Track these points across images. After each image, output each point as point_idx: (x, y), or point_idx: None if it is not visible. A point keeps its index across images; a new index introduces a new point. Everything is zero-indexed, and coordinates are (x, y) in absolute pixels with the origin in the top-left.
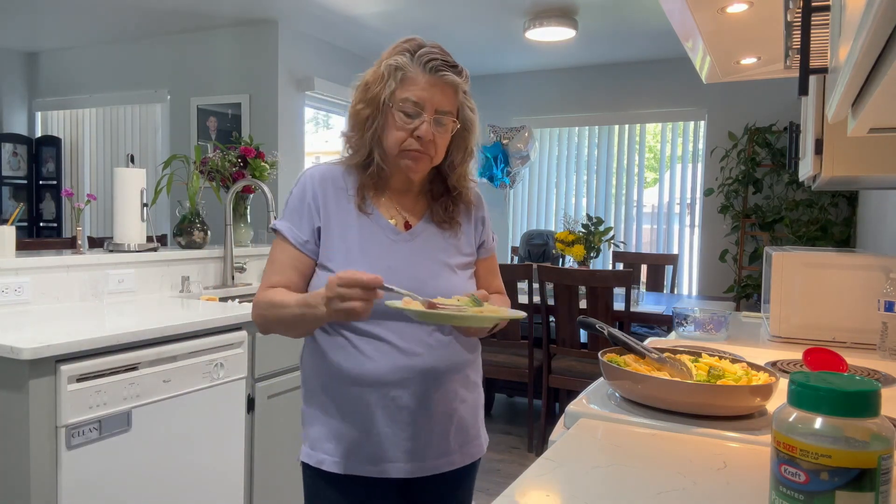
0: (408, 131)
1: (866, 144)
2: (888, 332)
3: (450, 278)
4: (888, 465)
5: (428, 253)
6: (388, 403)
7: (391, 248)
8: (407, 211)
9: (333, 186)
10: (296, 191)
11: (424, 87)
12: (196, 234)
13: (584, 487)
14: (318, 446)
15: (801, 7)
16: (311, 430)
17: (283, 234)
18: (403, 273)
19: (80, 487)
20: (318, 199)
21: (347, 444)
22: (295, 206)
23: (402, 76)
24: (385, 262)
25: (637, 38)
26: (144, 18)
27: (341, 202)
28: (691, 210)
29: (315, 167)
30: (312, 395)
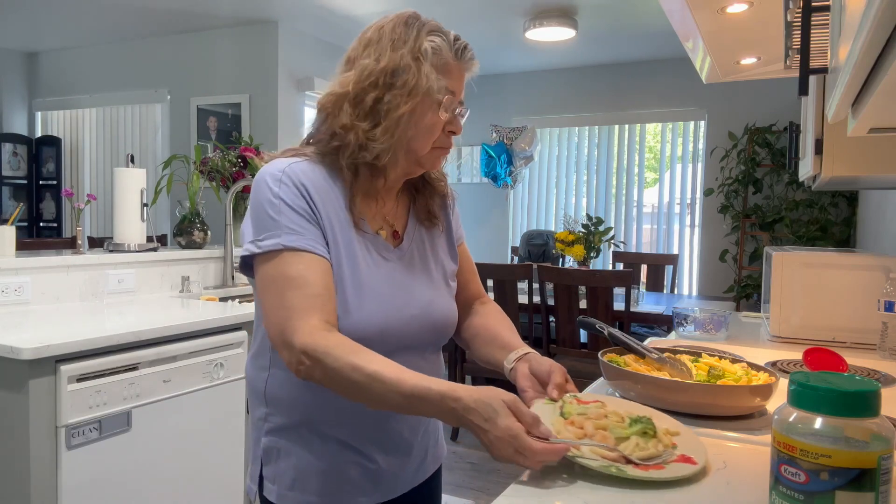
0: (445, 129)
1: (866, 144)
2: (888, 332)
3: (447, 300)
4: (888, 465)
5: (422, 268)
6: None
7: (389, 271)
8: (390, 215)
9: (322, 190)
10: (285, 197)
11: (458, 76)
12: (196, 234)
13: (585, 488)
14: (300, 486)
15: (801, 7)
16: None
17: (305, 247)
18: (407, 299)
19: (80, 487)
20: (316, 204)
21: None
22: (296, 213)
23: (440, 62)
24: (386, 289)
25: (637, 38)
26: (144, 18)
27: (335, 213)
28: (691, 210)
29: (289, 167)
30: (282, 430)
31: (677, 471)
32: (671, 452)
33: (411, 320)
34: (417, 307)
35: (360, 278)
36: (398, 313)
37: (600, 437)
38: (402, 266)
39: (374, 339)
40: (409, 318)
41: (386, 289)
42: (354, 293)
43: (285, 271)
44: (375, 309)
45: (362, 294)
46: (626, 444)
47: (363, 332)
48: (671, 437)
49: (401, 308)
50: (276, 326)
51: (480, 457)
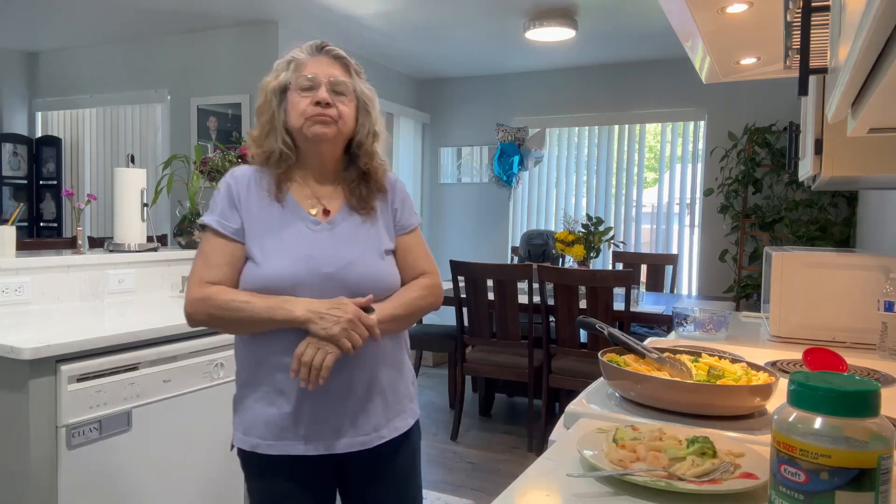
0: (308, 100)
1: (866, 144)
2: (888, 332)
3: (378, 264)
4: (888, 465)
5: (349, 240)
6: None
7: (309, 237)
8: (325, 200)
9: (252, 184)
10: (220, 189)
11: (315, 64)
12: (196, 234)
13: (584, 487)
14: (252, 431)
15: (800, 7)
16: (244, 416)
17: (214, 227)
18: (324, 260)
19: (80, 487)
20: (240, 196)
21: (279, 426)
22: (220, 203)
23: (295, 65)
24: (304, 250)
25: (637, 38)
26: (144, 18)
27: (262, 197)
28: (691, 210)
29: (235, 169)
30: (245, 382)
31: (735, 485)
32: (729, 468)
33: (326, 277)
34: (333, 266)
35: (278, 239)
36: (310, 269)
37: (653, 457)
38: (327, 236)
39: (286, 288)
40: (322, 274)
41: (299, 249)
42: (267, 251)
43: (202, 244)
44: (285, 262)
45: (275, 250)
46: (681, 465)
47: (273, 279)
48: (735, 458)
49: (314, 265)
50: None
51: (480, 457)
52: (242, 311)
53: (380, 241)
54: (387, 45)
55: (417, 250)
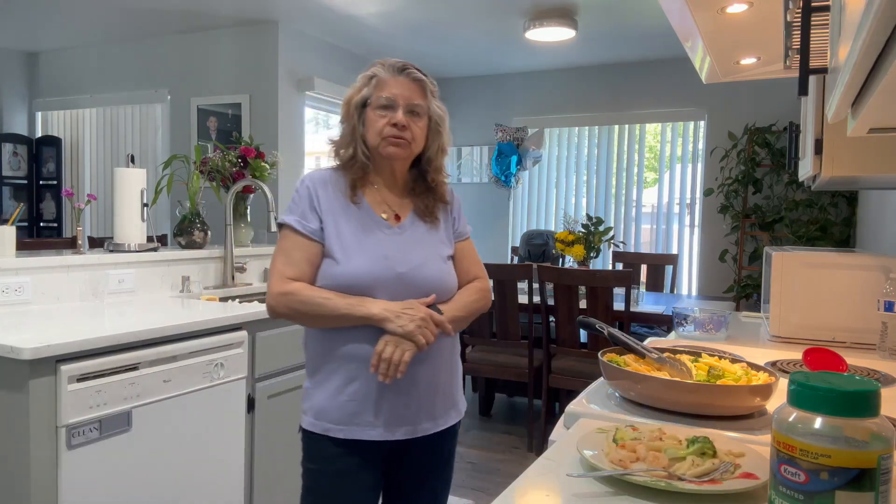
0: (386, 121)
1: (866, 144)
2: (888, 332)
3: (442, 267)
4: (888, 464)
5: (417, 244)
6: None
7: (384, 240)
8: (394, 205)
9: (330, 187)
10: (299, 191)
11: (395, 85)
12: (196, 234)
13: (584, 487)
14: (323, 416)
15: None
16: (315, 402)
17: (293, 226)
18: (397, 261)
19: (80, 487)
20: (319, 198)
21: (349, 412)
22: (299, 203)
23: (376, 82)
24: (380, 251)
25: (637, 38)
26: (144, 18)
27: (338, 200)
28: (691, 210)
29: (312, 172)
30: (316, 371)
31: (735, 485)
32: (729, 468)
33: (399, 277)
34: (405, 267)
35: (356, 240)
36: (385, 269)
37: (653, 457)
38: (398, 240)
39: (364, 285)
40: (396, 274)
41: (376, 249)
42: (348, 250)
43: (281, 243)
44: (363, 261)
45: (354, 250)
46: (681, 465)
47: (352, 277)
48: (735, 458)
49: (388, 265)
50: (268, 277)
51: (480, 457)
52: (324, 307)
53: (442, 247)
54: (387, 45)
55: (471, 256)
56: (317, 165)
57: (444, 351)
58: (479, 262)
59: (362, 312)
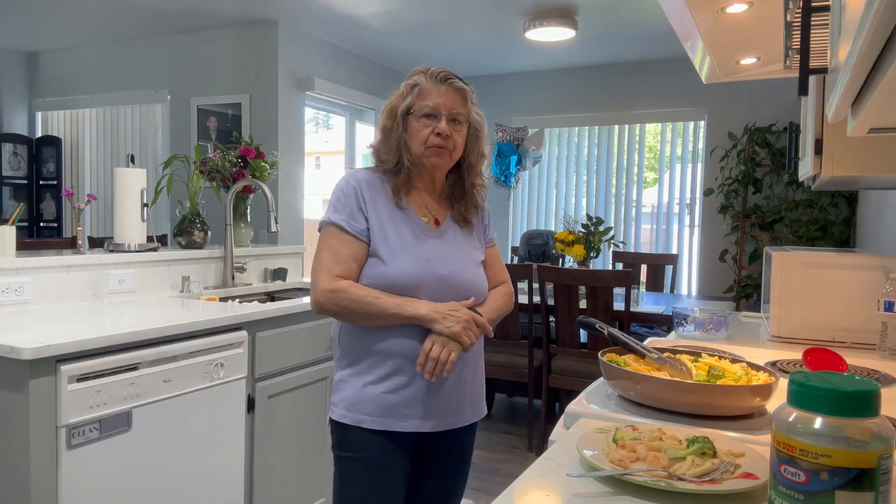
0: (430, 130)
1: (866, 144)
2: (888, 332)
3: (477, 271)
4: (888, 465)
5: (456, 247)
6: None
7: (426, 243)
8: (433, 209)
9: (374, 188)
10: (344, 190)
11: (438, 94)
12: (196, 234)
13: (584, 487)
14: (357, 407)
15: (800, 7)
16: (347, 393)
17: (341, 225)
18: (439, 263)
19: (80, 487)
20: (364, 198)
21: (384, 405)
22: (346, 203)
23: (418, 91)
24: (424, 254)
25: (637, 38)
26: (144, 18)
27: (382, 202)
28: (691, 210)
29: (356, 172)
30: (353, 364)
31: (735, 485)
32: (729, 468)
33: (440, 279)
34: (446, 269)
35: (401, 242)
36: (429, 271)
37: (653, 457)
38: (438, 242)
39: (409, 286)
40: (438, 276)
41: (420, 252)
42: (394, 250)
43: (327, 241)
44: (409, 263)
45: (400, 252)
46: (681, 465)
47: (398, 278)
48: (735, 458)
49: (431, 267)
50: (312, 276)
51: (480, 457)
52: (374, 305)
53: (476, 252)
54: (387, 45)
55: (498, 261)
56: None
57: (474, 351)
58: (504, 268)
59: (410, 312)
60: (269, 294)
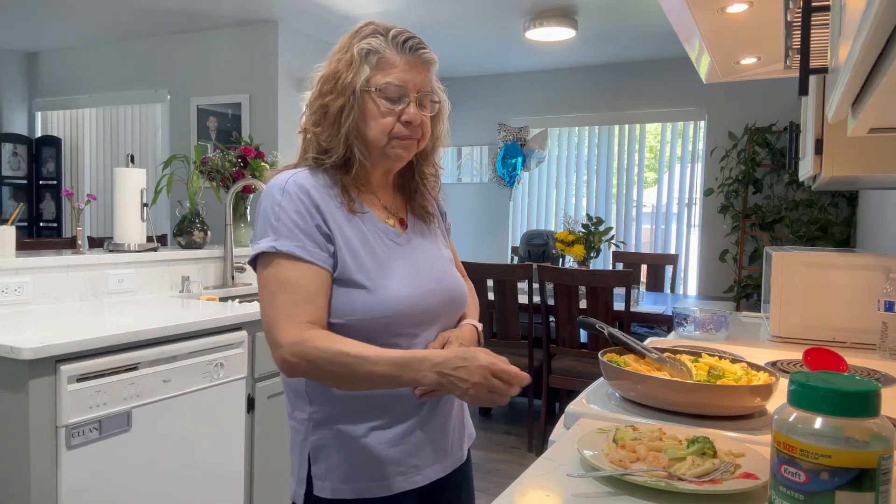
0: (395, 116)
1: (866, 144)
2: (888, 332)
3: (455, 273)
4: (888, 465)
5: (428, 250)
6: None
7: (399, 252)
8: (392, 207)
9: (322, 193)
10: (288, 206)
11: (405, 68)
12: (196, 234)
13: (584, 487)
14: (353, 476)
15: (801, 7)
16: (334, 461)
17: (297, 254)
18: (424, 276)
19: (80, 487)
20: (319, 210)
21: (388, 460)
22: (296, 222)
23: (377, 60)
24: (405, 268)
25: (637, 38)
26: (144, 18)
27: (337, 211)
28: (690, 210)
29: (293, 177)
30: (333, 420)
31: (735, 485)
32: (729, 468)
33: (430, 293)
34: (434, 281)
35: (374, 259)
36: (418, 288)
37: (653, 458)
38: (412, 248)
39: (403, 313)
40: (428, 291)
41: (404, 268)
42: (371, 272)
43: (278, 274)
44: (399, 285)
45: (378, 272)
46: (681, 465)
47: (390, 307)
48: (735, 458)
49: (419, 283)
50: (266, 325)
51: (481, 457)
52: (359, 367)
53: (446, 250)
54: None
55: (456, 256)
56: None
57: None
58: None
59: (411, 377)
60: None
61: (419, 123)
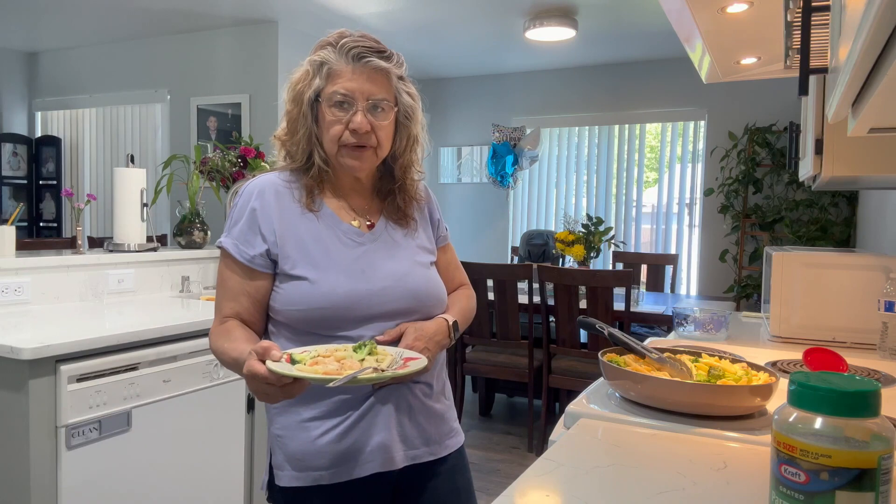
0: (343, 125)
1: (866, 144)
2: (888, 332)
3: (427, 274)
4: (888, 465)
5: (395, 251)
6: (361, 400)
7: (358, 250)
8: (363, 210)
9: (280, 196)
10: (239, 204)
11: (351, 77)
12: (196, 234)
13: (584, 487)
14: (309, 463)
15: (801, 7)
16: (292, 449)
17: (229, 250)
18: (378, 273)
19: (80, 487)
20: (268, 214)
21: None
22: (240, 221)
23: (327, 70)
24: (357, 264)
25: (637, 38)
26: (144, 18)
27: (293, 210)
28: (691, 210)
29: (258, 178)
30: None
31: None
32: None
33: (383, 290)
34: (391, 279)
35: (326, 254)
36: (367, 283)
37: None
38: (375, 247)
39: (341, 306)
40: (380, 287)
41: (354, 264)
42: (319, 265)
43: (220, 268)
44: (340, 278)
45: (327, 266)
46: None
47: (330, 298)
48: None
49: (371, 279)
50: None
51: (480, 457)
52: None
53: (424, 252)
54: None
55: (455, 262)
56: None
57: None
58: (462, 269)
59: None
60: None
61: (367, 131)
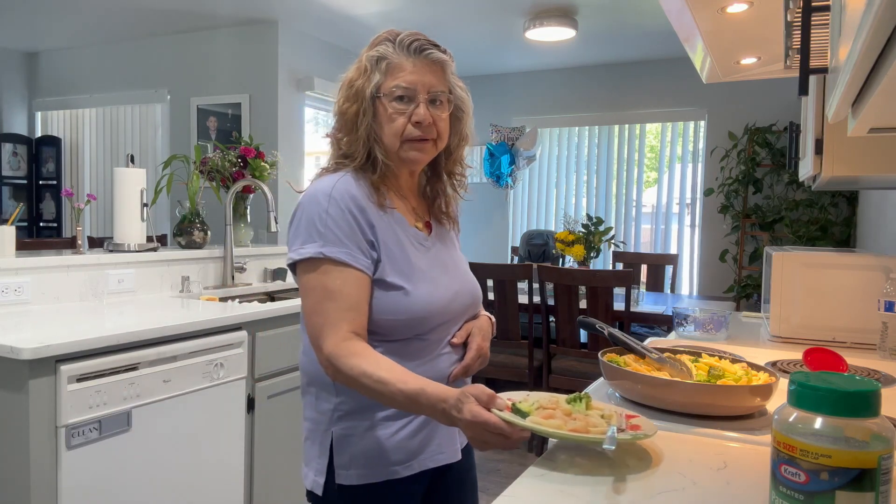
0: (405, 118)
1: (866, 144)
2: (888, 332)
3: (472, 274)
4: (888, 465)
5: (451, 252)
6: None
7: (427, 256)
8: (418, 210)
9: (365, 199)
10: (331, 211)
11: (412, 70)
12: (196, 234)
13: (584, 487)
14: (386, 459)
15: (801, 7)
16: (359, 448)
17: (344, 260)
18: (451, 279)
19: (80, 487)
20: (365, 215)
21: (414, 445)
22: (343, 229)
23: (386, 65)
24: (434, 272)
25: (637, 38)
26: (144, 18)
27: (373, 213)
28: (691, 210)
29: (335, 182)
30: (353, 414)
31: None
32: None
33: (456, 295)
34: (458, 282)
35: (408, 261)
36: (446, 290)
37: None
38: (437, 251)
39: (434, 314)
40: (454, 293)
41: (434, 271)
42: (407, 274)
43: (324, 282)
44: (431, 288)
45: (418, 278)
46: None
47: (424, 309)
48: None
49: (448, 285)
50: (311, 331)
51: (480, 457)
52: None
53: (460, 252)
54: None
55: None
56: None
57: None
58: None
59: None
60: (268, 294)
61: (430, 123)
